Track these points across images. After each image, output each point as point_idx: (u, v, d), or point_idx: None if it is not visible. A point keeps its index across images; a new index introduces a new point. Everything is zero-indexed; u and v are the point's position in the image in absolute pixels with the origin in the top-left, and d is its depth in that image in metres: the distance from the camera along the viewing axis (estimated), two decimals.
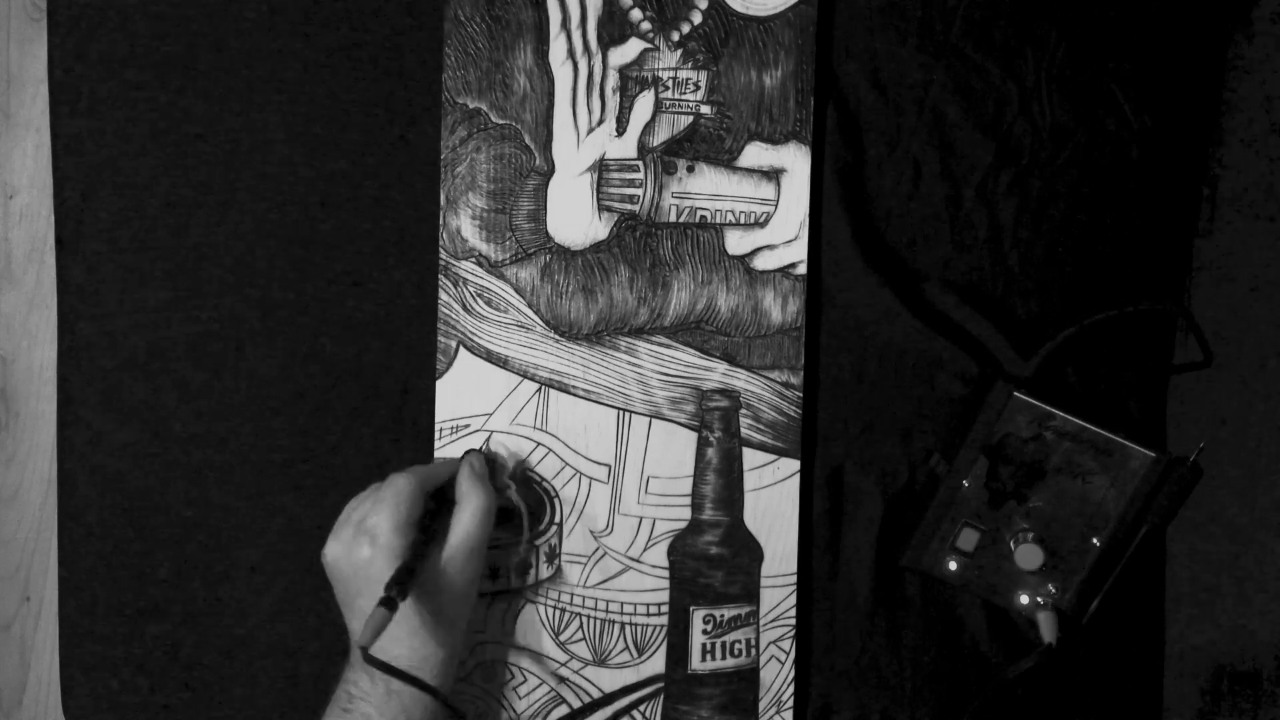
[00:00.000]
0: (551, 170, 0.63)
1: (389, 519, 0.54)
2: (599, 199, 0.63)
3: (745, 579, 0.64)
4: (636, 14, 0.62)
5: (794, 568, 0.64)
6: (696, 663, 0.64)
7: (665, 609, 0.64)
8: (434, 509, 0.58)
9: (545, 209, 0.63)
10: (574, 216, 0.63)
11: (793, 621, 0.64)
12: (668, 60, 0.62)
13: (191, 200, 0.64)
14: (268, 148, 0.63)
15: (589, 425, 0.63)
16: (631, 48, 0.62)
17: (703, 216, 0.63)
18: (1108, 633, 0.65)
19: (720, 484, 0.63)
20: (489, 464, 0.62)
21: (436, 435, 0.63)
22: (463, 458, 0.60)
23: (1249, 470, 0.66)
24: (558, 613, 0.63)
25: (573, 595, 0.63)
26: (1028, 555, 0.61)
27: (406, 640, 0.54)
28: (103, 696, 0.65)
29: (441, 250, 0.63)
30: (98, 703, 0.65)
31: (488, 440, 0.63)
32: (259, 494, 0.64)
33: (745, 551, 0.64)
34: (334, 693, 0.55)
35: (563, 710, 0.64)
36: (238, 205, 0.63)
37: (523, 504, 0.62)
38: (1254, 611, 0.66)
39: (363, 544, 0.54)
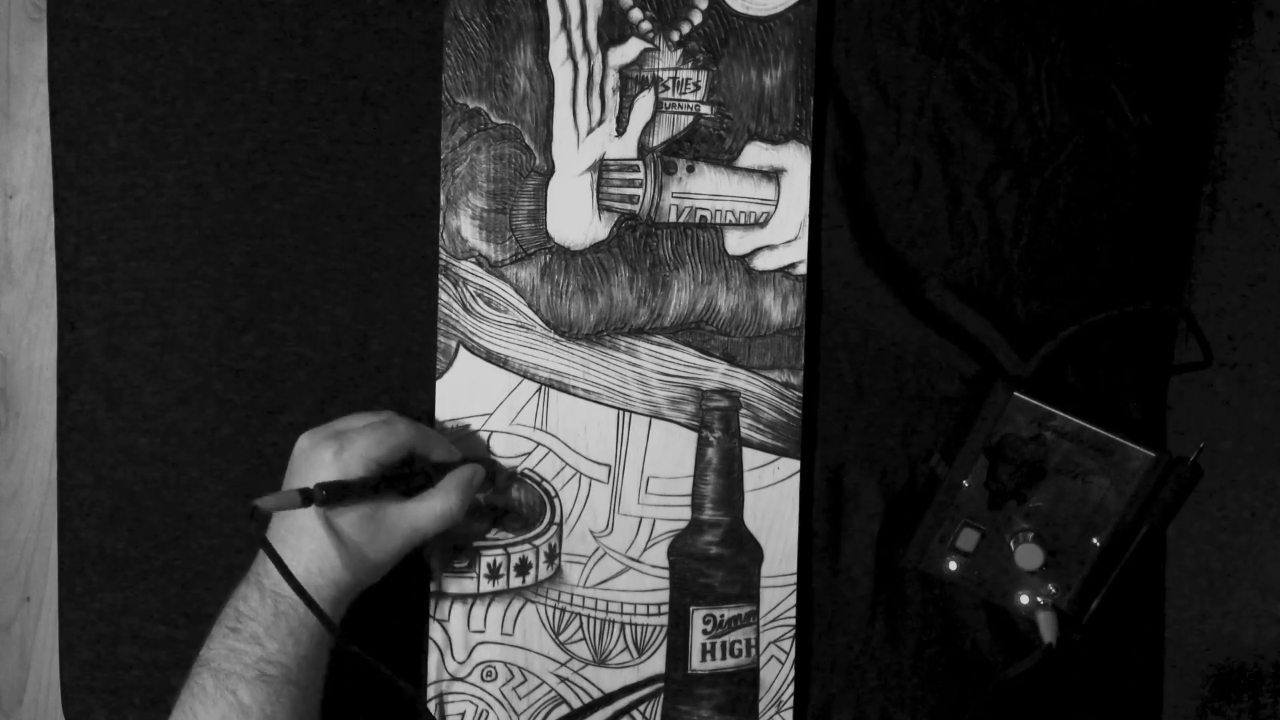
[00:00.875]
0: (551, 170, 0.63)
1: (365, 444, 0.54)
2: (599, 199, 0.63)
3: (745, 579, 0.64)
4: (636, 14, 0.62)
5: (794, 568, 0.64)
6: (696, 663, 0.64)
7: (665, 609, 0.64)
8: (416, 473, 0.57)
9: (545, 209, 0.63)
10: (574, 216, 0.63)
11: (793, 621, 0.64)
12: (668, 60, 0.62)
13: (191, 200, 0.64)
14: (267, 147, 0.63)
15: (589, 425, 0.63)
16: (631, 48, 0.62)
17: (703, 216, 0.63)
18: (1108, 633, 0.65)
19: (720, 484, 0.63)
20: (495, 477, 0.62)
21: None
22: (462, 461, 0.60)
23: (1249, 470, 0.66)
24: (558, 613, 0.63)
25: (573, 595, 0.63)
26: (1028, 555, 0.61)
27: (305, 560, 0.53)
28: (103, 696, 0.65)
29: (441, 250, 0.63)
30: (98, 703, 0.65)
31: (490, 438, 0.63)
32: (259, 495, 0.64)
33: (745, 551, 0.64)
34: (220, 612, 0.54)
35: (563, 710, 0.64)
36: (237, 205, 0.63)
37: (518, 504, 0.62)
38: (1254, 612, 0.66)
39: (329, 446, 0.54)
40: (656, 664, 0.64)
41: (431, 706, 0.63)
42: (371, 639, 0.63)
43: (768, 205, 0.63)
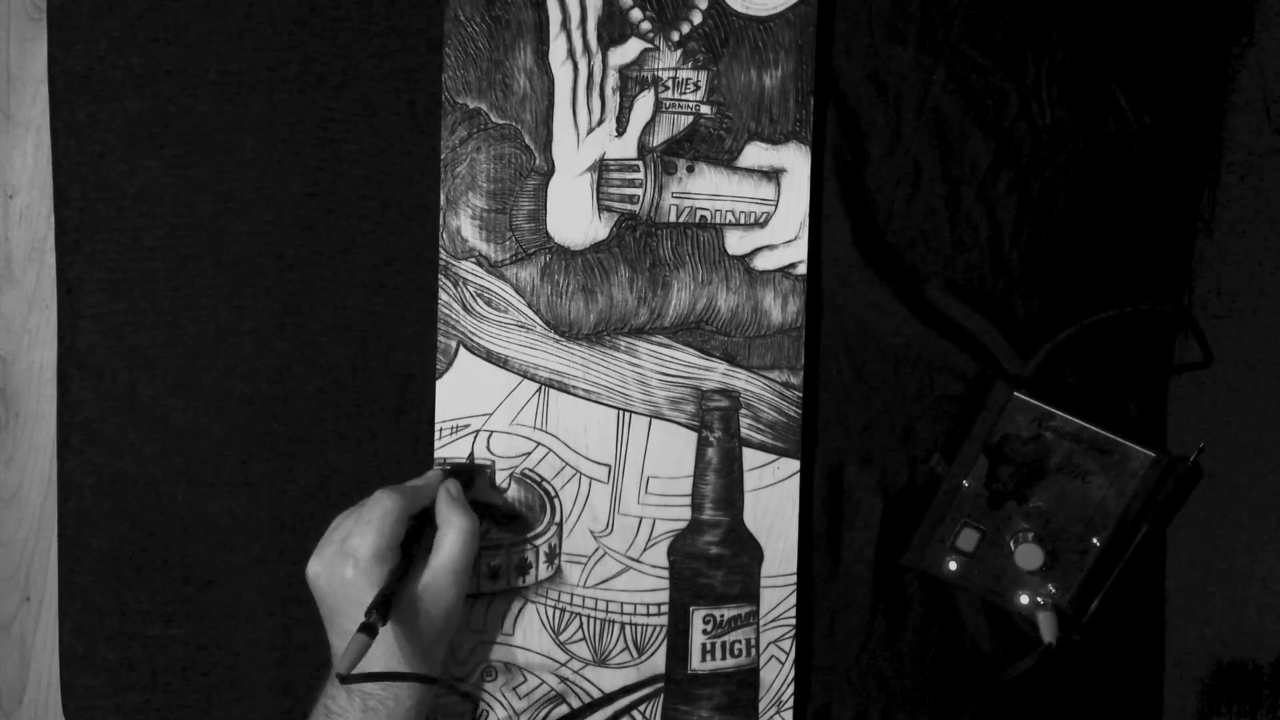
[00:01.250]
0: (551, 170, 0.63)
1: (372, 542, 0.54)
2: (599, 199, 0.63)
3: (745, 579, 0.64)
4: (636, 14, 0.62)
5: (794, 568, 0.64)
6: (696, 663, 0.64)
7: (665, 609, 0.64)
8: (416, 529, 0.58)
9: (545, 209, 0.63)
10: (574, 216, 0.63)
11: (793, 621, 0.64)
12: (668, 60, 0.62)
13: (191, 200, 0.64)
14: (268, 147, 0.63)
15: (589, 425, 0.63)
16: (631, 48, 0.62)
17: (703, 216, 0.63)
18: (1108, 633, 0.65)
19: (720, 484, 0.63)
20: (473, 474, 0.62)
21: (436, 435, 0.63)
22: (441, 482, 0.60)
23: (1249, 470, 0.66)
24: (558, 613, 0.63)
25: (573, 595, 0.63)
26: (1028, 555, 0.61)
27: (383, 661, 0.54)
28: (103, 696, 0.65)
29: (441, 250, 0.63)
30: (98, 703, 0.65)
31: (474, 441, 0.63)
32: (259, 494, 0.64)
33: (745, 551, 0.64)
34: (314, 707, 0.55)
35: (563, 710, 0.64)
36: (237, 205, 0.64)
37: (518, 504, 0.62)
38: (1254, 612, 0.66)
39: (345, 565, 0.54)
40: (656, 664, 0.64)
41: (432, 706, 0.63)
42: None
43: (768, 205, 0.63)
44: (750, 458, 0.63)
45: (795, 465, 0.64)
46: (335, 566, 0.55)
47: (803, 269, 0.63)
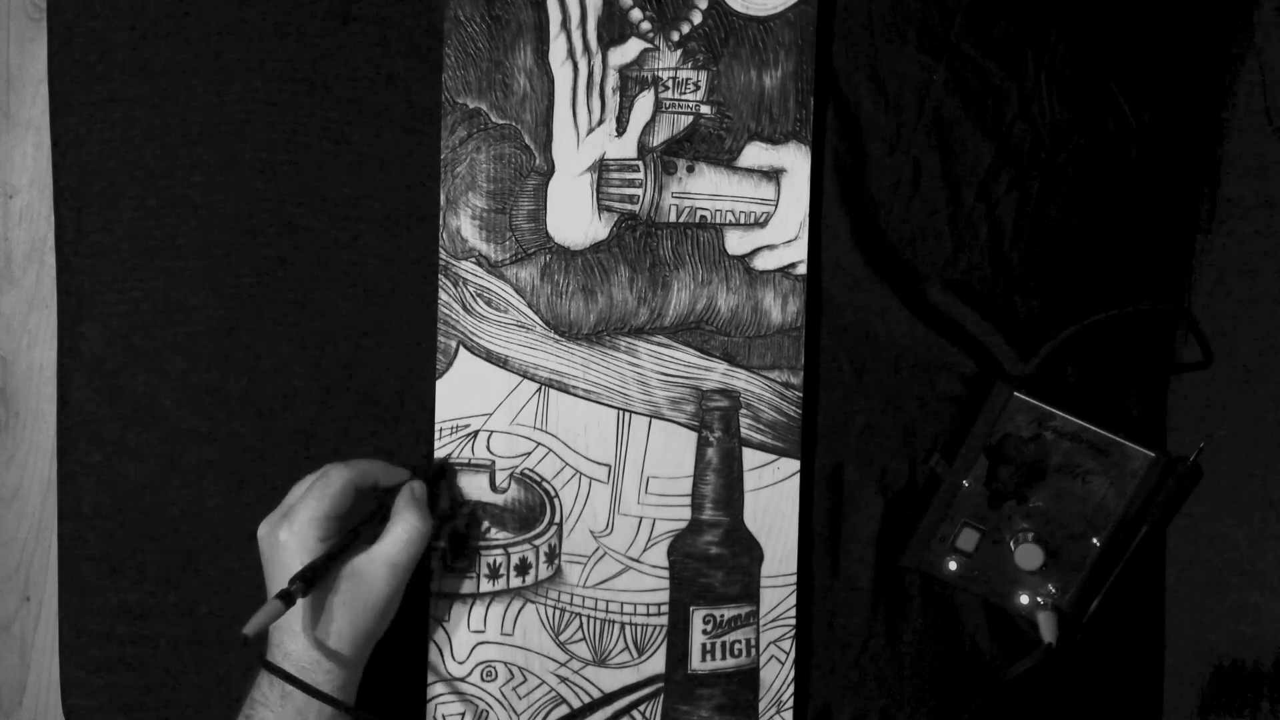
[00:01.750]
0: (551, 170, 0.63)
1: (310, 507, 0.54)
2: (599, 199, 0.63)
3: (745, 579, 0.64)
4: (636, 14, 0.62)
5: (794, 568, 0.64)
6: (696, 663, 0.64)
7: (665, 609, 0.64)
8: (372, 513, 0.58)
9: (545, 209, 0.63)
10: (574, 216, 0.63)
11: (793, 621, 0.64)
12: (668, 60, 0.62)
13: (191, 200, 0.64)
14: (267, 147, 0.63)
15: (589, 425, 0.63)
16: (631, 48, 0.62)
17: (703, 216, 0.63)
18: (1108, 633, 0.65)
19: (720, 484, 0.63)
20: (443, 471, 0.62)
21: (436, 435, 0.63)
22: (408, 480, 0.59)
23: (1249, 470, 0.66)
24: (558, 613, 0.63)
25: (573, 595, 0.63)
26: (1028, 555, 0.61)
27: (302, 636, 0.54)
28: (103, 696, 0.65)
29: (441, 250, 0.63)
30: (98, 703, 0.65)
31: (448, 457, 0.62)
32: (259, 494, 0.64)
33: (745, 551, 0.64)
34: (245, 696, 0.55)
35: (563, 710, 0.64)
36: (236, 205, 0.64)
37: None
38: (1254, 612, 0.66)
39: (281, 528, 0.54)
40: (656, 664, 0.64)
41: (432, 706, 0.63)
42: None
43: (768, 205, 0.63)
44: (750, 458, 0.63)
45: (795, 465, 0.64)
46: (274, 528, 0.55)
47: (803, 269, 0.63)
